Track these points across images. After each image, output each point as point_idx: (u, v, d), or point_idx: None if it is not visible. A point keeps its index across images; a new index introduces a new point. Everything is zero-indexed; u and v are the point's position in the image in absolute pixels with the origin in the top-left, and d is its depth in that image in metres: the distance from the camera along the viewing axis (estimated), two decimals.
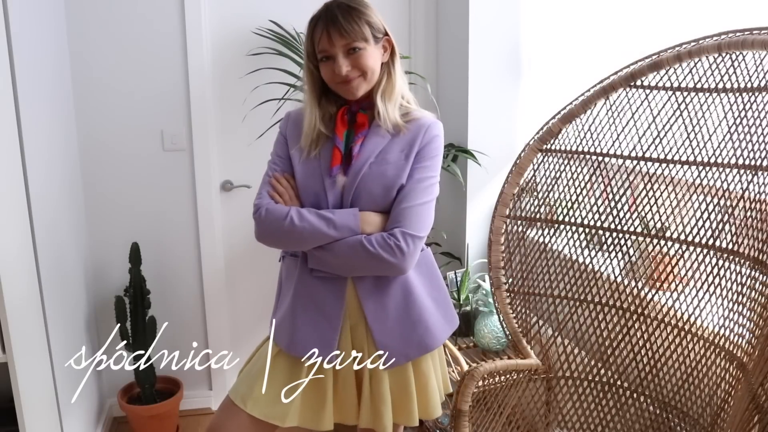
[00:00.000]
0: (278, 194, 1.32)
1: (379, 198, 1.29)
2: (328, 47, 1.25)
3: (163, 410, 2.26)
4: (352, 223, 1.26)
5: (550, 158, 1.56)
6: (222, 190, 2.43)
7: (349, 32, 1.23)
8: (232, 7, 2.29)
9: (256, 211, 1.31)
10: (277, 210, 1.29)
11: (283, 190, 1.32)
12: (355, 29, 1.23)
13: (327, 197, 1.30)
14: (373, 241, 1.24)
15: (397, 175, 1.29)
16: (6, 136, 1.55)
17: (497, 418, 1.48)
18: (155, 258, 2.38)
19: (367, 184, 1.29)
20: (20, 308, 1.57)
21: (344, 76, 1.25)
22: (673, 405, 1.41)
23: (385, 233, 1.26)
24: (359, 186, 1.29)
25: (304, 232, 1.26)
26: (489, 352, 2.03)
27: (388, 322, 1.33)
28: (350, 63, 1.25)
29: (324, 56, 1.27)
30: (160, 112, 2.29)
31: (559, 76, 2.17)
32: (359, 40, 1.24)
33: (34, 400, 1.61)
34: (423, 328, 1.35)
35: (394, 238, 1.24)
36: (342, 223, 1.26)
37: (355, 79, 1.26)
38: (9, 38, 1.56)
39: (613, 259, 1.49)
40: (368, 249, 1.24)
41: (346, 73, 1.25)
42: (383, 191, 1.29)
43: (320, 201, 1.31)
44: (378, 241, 1.24)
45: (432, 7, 2.43)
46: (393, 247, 1.24)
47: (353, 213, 1.27)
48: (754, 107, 1.23)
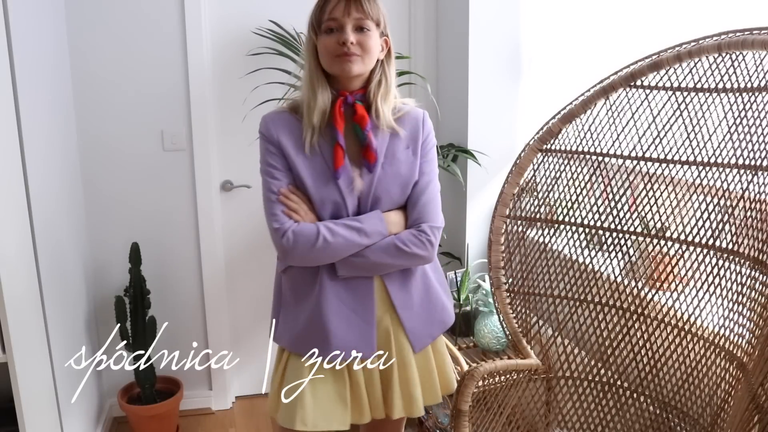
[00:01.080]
0: (294, 211, 1.30)
1: (397, 197, 1.35)
2: (341, 16, 1.26)
3: (163, 410, 2.26)
4: (381, 227, 1.31)
5: (550, 158, 1.56)
6: (222, 190, 2.43)
7: (366, 9, 1.27)
8: (231, 7, 2.29)
9: (282, 236, 1.27)
10: (305, 230, 1.27)
11: (296, 206, 1.30)
12: (373, 8, 1.28)
13: (347, 204, 1.31)
14: (405, 240, 1.30)
15: (410, 173, 1.35)
16: (6, 136, 1.55)
17: (497, 418, 1.48)
18: (155, 258, 2.38)
19: (385, 185, 1.32)
20: (20, 308, 1.57)
21: (348, 47, 1.25)
22: (673, 405, 1.41)
23: (413, 230, 1.32)
24: (378, 188, 1.32)
25: (339, 247, 1.27)
26: (489, 352, 2.03)
27: (414, 308, 1.39)
28: (356, 38, 1.27)
29: (332, 26, 1.27)
30: (160, 111, 2.29)
31: (559, 76, 2.17)
32: (372, 20, 1.28)
33: (34, 400, 1.62)
34: (441, 307, 1.45)
35: (425, 234, 1.31)
36: (372, 230, 1.29)
37: (355, 55, 1.27)
38: (9, 38, 1.56)
39: (613, 259, 1.49)
40: (403, 249, 1.30)
41: (351, 45, 1.25)
42: (401, 190, 1.34)
43: (340, 209, 1.32)
44: (410, 239, 1.31)
45: (432, 7, 2.43)
46: (425, 242, 1.31)
47: (379, 217, 1.31)
48: (754, 107, 1.23)
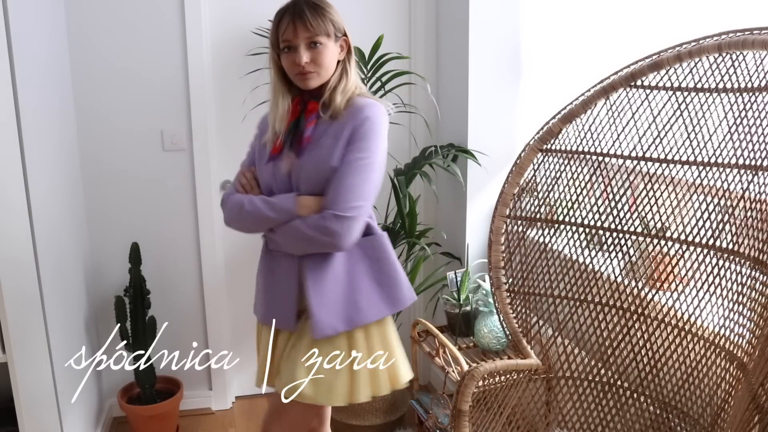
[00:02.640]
0: (242, 186, 1.49)
1: (314, 181, 1.39)
2: (292, 38, 1.35)
3: (163, 410, 2.26)
4: (290, 206, 1.38)
5: (550, 158, 1.56)
6: (222, 190, 2.42)
7: (313, 26, 1.34)
8: (231, 8, 2.29)
9: (221, 200, 1.53)
10: (234, 198, 1.47)
11: (245, 182, 1.49)
12: (320, 24, 1.34)
13: (277, 185, 1.44)
14: (307, 223, 1.36)
15: (328, 157, 1.37)
16: (6, 136, 1.55)
17: (497, 418, 1.48)
18: (155, 258, 2.38)
19: (304, 168, 1.40)
20: (20, 308, 1.57)
21: (302, 66, 1.35)
22: (673, 405, 1.41)
23: (317, 215, 1.36)
24: (297, 171, 1.40)
25: (251, 216, 1.42)
26: (489, 352, 2.03)
27: (325, 295, 1.42)
28: (310, 56, 1.35)
29: (287, 46, 1.37)
30: (160, 112, 2.29)
31: (559, 76, 2.17)
32: (321, 35, 1.35)
33: (34, 400, 1.62)
34: (353, 305, 1.44)
35: (325, 220, 1.34)
36: (280, 206, 1.39)
37: (311, 72, 1.37)
38: (9, 38, 1.56)
39: (613, 259, 1.49)
40: (303, 231, 1.36)
41: (305, 65, 1.35)
42: (316, 174, 1.38)
43: (271, 189, 1.45)
44: (311, 223, 1.35)
45: (432, 7, 2.43)
46: (324, 229, 1.34)
47: (291, 197, 1.40)
48: (755, 107, 1.23)
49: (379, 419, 2.28)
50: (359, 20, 2.36)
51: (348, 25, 1.43)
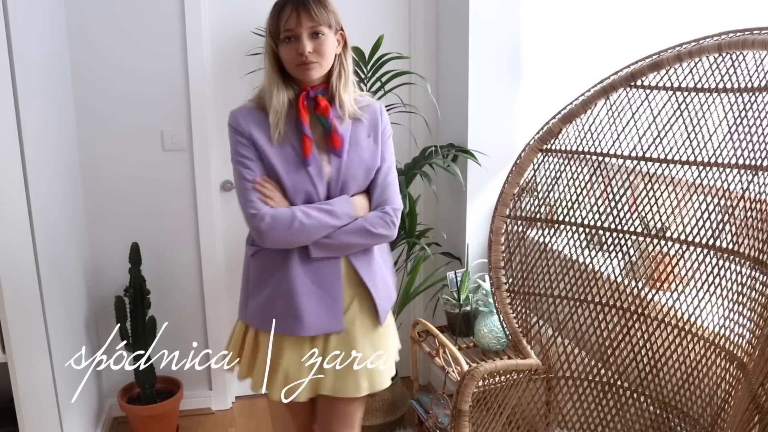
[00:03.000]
0: (269, 198, 1.38)
1: (362, 181, 1.44)
2: (295, 27, 1.34)
3: (163, 410, 2.26)
4: (350, 209, 1.40)
5: (550, 158, 1.56)
6: (222, 190, 2.43)
7: (317, 15, 1.34)
8: (231, 8, 2.29)
9: (261, 220, 1.35)
10: (282, 214, 1.36)
11: (270, 193, 1.39)
12: (323, 14, 1.35)
13: (317, 190, 1.41)
14: (373, 222, 1.41)
15: (373, 159, 1.44)
16: (6, 136, 1.55)
17: (497, 418, 1.48)
18: (155, 258, 2.38)
19: (351, 170, 1.42)
20: (20, 308, 1.57)
21: (305, 56, 1.34)
22: (673, 405, 1.41)
23: (378, 212, 1.42)
24: (345, 173, 1.41)
25: (314, 228, 1.37)
26: (489, 352, 2.03)
27: (378, 284, 1.48)
28: (313, 46, 1.35)
29: (288, 36, 1.35)
30: (160, 112, 2.29)
31: (559, 76, 2.17)
32: (324, 25, 1.35)
33: (34, 400, 1.62)
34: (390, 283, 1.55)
35: (389, 215, 1.42)
36: (342, 212, 1.39)
37: (313, 62, 1.36)
38: (9, 38, 1.56)
39: (613, 259, 1.49)
40: (371, 231, 1.40)
41: (308, 54, 1.34)
42: (365, 175, 1.44)
43: (311, 195, 1.41)
44: (376, 221, 1.41)
45: (432, 7, 2.43)
46: (389, 223, 1.42)
47: (347, 201, 1.41)
48: (755, 107, 1.23)
49: (379, 419, 2.28)
50: (359, 20, 2.36)
51: (348, 25, 1.43)
